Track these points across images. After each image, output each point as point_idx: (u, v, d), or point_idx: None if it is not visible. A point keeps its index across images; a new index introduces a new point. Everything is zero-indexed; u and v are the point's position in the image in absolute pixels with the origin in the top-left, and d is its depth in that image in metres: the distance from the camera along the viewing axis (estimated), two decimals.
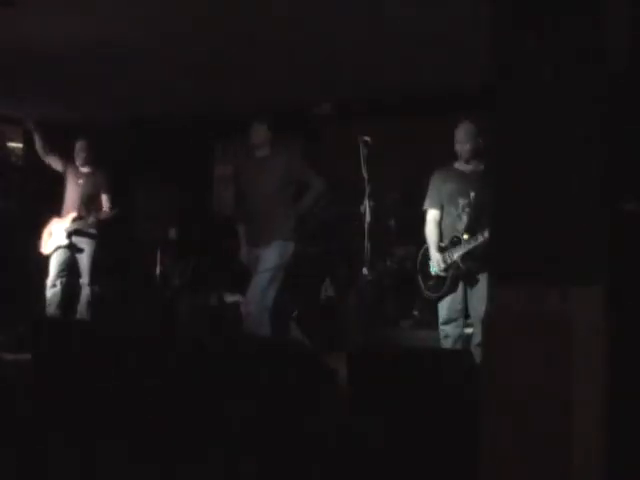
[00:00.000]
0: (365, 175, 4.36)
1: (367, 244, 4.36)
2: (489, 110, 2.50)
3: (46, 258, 6.06)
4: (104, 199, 6.08)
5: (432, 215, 4.35)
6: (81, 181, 6.06)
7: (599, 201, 2.43)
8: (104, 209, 6.04)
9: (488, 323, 2.45)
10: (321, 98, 6.79)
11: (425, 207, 4.40)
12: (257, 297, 4.46)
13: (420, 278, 4.40)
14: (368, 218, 4.39)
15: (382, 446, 3.14)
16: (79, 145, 6.12)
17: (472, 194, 4.17)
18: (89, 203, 6.05)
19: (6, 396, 4.08)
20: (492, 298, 2.53)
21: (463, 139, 4.25)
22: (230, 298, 6.26)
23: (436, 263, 4.24)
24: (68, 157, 6.20)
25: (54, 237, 6.02)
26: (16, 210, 7.28)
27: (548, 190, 2.32)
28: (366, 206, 4.42)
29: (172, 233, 7.13)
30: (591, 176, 2.39)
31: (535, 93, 2.36)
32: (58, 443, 3.51)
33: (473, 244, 4.11)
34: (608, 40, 2.44)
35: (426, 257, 4.37)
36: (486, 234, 3.97)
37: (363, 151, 4.44)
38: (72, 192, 6.06)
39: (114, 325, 5.27)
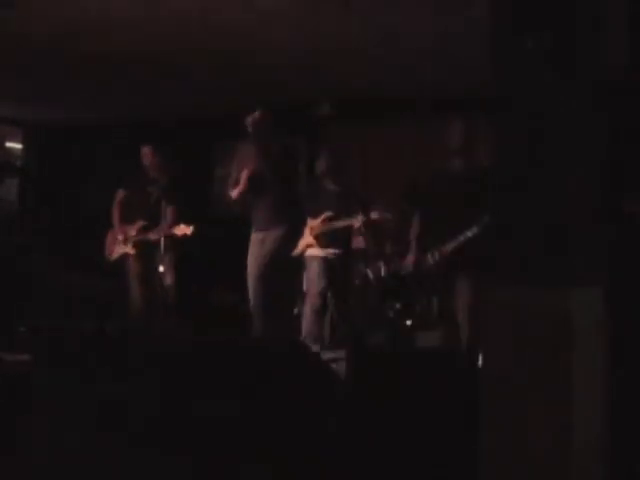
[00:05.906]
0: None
1: (367, 245, 4.36)
2: (488, 111, 2.50)
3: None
4: (169, 211, 5.51)
5: (416, 216, 4.45)
6: (149, 189, 5.56)
7: (599, 201, 2.43)
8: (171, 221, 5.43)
9: (487, 323, 2.45)
10: (321, 98, 6.79)
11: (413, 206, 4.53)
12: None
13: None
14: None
15: (382, 446, 3.14)
16: (146, 151, 5.62)
17: (457, 196, 4.19)
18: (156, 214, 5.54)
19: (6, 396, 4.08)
20: (485, 297, 2.53)
21: (451, 138, 4.27)
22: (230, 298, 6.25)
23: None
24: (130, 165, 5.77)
25: (119, 244, 5.61)
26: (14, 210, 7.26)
27: (548, 190, 2.32)
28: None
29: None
30: (591, 176, 2.39)
31: (535, 94, 2.36)
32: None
33: (454, 243, 4.12)
34: (608, 40, 2.45)
35: None
36: (468, 233, 4.05)
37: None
38: (135, 203, 5.61)
39: None
